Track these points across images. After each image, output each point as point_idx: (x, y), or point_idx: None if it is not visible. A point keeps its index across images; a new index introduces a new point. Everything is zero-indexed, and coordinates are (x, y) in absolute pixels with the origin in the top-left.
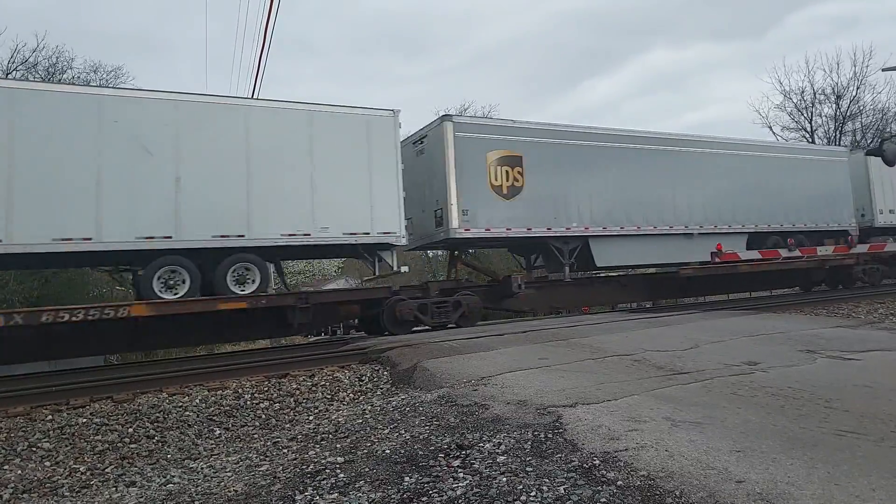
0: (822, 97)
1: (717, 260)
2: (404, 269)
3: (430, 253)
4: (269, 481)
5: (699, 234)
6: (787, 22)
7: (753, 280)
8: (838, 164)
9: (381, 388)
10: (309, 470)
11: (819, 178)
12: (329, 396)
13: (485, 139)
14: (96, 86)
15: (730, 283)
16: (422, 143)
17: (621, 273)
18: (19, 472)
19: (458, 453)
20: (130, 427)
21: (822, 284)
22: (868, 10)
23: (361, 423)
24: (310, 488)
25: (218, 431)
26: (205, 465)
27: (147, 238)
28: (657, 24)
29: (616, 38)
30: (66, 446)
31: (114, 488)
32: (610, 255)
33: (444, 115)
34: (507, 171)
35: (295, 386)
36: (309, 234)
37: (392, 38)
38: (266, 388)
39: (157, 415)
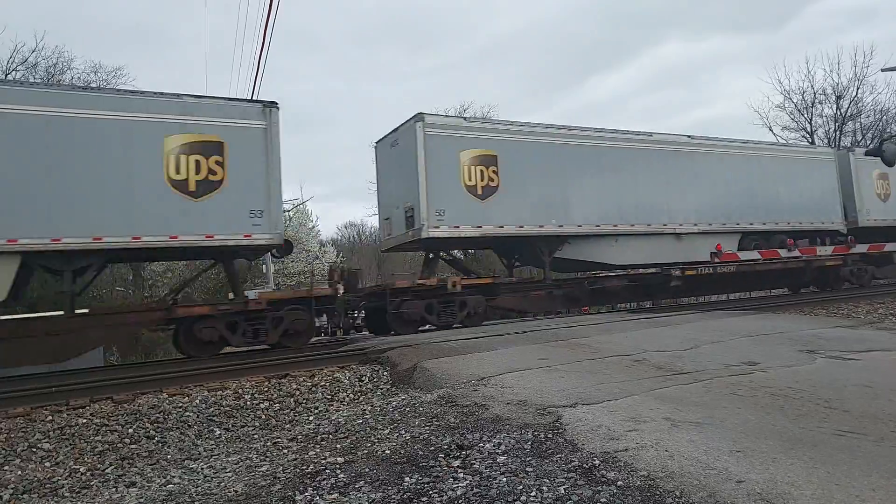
0: (823, 97)
1: (716, 260)
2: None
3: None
4: (269, 482)
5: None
6: (806, 13)
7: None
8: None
9: (381, 389)
10: (309, 470)
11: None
12: (329, 397)
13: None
14: None
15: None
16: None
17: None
18: (19, 472)
19: (458, 453)
20: (130, 428)
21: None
22: (886, 2)
23: (361, 423)
24: (310, 489)
25: (218, 432)
26: (205, 466)
27: None
28: (672, 14)
29: (628, 31)
30: (67, 447)
31: (114, 489)
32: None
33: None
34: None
35: (295, 386)
36: None
37: (397, 31)
38: (266, 389)
39: (157, 415)
